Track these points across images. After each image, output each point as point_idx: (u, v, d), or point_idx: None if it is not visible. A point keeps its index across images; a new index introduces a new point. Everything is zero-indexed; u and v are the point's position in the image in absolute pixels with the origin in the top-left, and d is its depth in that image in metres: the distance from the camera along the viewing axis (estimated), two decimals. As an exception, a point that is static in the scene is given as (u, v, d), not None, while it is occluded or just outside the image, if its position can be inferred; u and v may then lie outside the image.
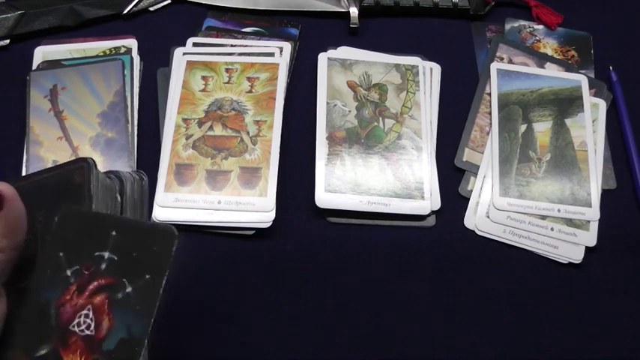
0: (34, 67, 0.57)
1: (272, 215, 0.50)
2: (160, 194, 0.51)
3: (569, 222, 0.52)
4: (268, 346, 0.48)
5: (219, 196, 0.51)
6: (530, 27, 0.64)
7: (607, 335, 0.49)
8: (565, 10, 0.64)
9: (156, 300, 0.32)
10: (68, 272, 0.33)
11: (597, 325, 0.50)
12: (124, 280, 0.32)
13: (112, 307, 0.32)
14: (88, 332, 0.32)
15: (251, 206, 0.50)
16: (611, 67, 0.61)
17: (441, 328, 0.49)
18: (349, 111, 0.55)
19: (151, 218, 0.49)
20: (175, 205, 0.51)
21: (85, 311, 0.32)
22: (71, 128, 0.54)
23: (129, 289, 0.32)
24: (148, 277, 0.32)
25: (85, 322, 0.32)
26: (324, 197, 0.52)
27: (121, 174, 0.36)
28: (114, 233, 0.33)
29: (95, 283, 0.32)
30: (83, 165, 0.34)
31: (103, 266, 0.32)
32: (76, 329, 0.32)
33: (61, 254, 0.33)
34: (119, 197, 0.36)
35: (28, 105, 0.54)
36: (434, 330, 0.49)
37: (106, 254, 0.32)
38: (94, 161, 0.34)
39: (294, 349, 0.48)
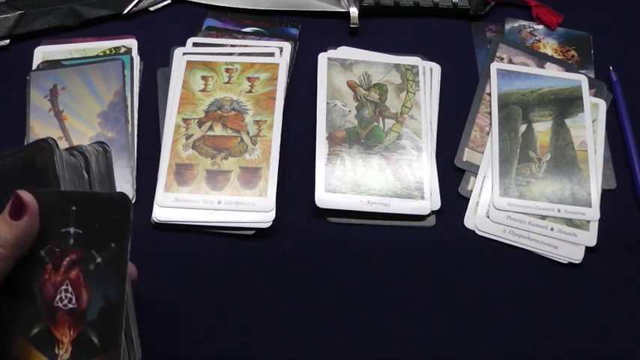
0: (34, 67, 0.57)
1: (272, 215, 0.50)
2: (160, 194, 0.51)
3: (569, 222, 0.52)
4: (268, 346, 0.48)
5: (219, 196, 0.51)
6: (530, 27, 0.64)
7: (607, 335, 0.49)
8: (565, 10, 0.64)
9: (124, 266, 0.34)
10: (42, 252, 0.34)
11: (597, 325, 0.50)
12: (93, 251, 0.34)
13: (87, 279, 0.34)
14: (70, 306, 0.34)
15: (251, 206, 0.50)
16: (611, 67, 0.61)
17: (441, 328, 0.49)
18: (349, 111, 0.55)
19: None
20: (175, 205, 0.51)
21: (64, 286, 0.34)
22: (71, 128, 0.54)
23: (98, 260, 0.34)
24: (113, 245, 0.34)
25: (66, 296, 0.34)
26: (324, 197, 0.52)
27: (83, 149, 0.36)
28: (74, 208, 0.34)
29: (68, 259, 0.34)
30: (44, 146, 0.34)
31: (71, 241, 0.34)
32: (60, 304, 0.34)
33: None
34: (86, 174, 0.36)
35: (28, 105, 0.54)
36: (434, 330, 0.49)
37: (72, 229, 0.34)
38: (54, 141, 0.34)
39: (294, 349, 0.48)
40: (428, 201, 0.52)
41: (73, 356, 0.34)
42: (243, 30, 0.61)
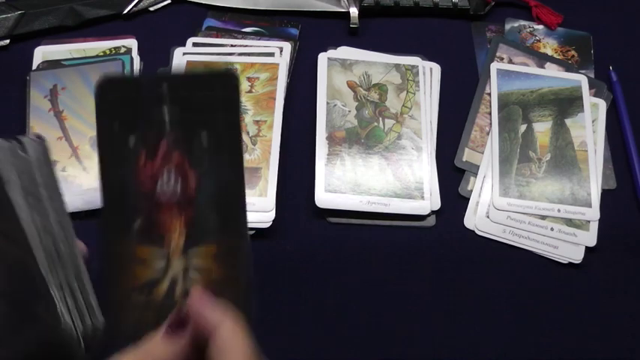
0: (34, 67, 0.57)
1: (272, 215, 0.50)
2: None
3: (569, 222, 0.52)
4: (268, 346, 0.48)
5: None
6: (530, 27, 0.64)
7: (607, 335, 0.49)
8: (565, 10, 0.64)
9: (238, 138, 0.31)
10: (131, 141, 0.31)
11: (597, 325, 0.50)
12: (195, 130, 0.31)
13: (192, 160, 0.31)
14: (175, 191, 0.31)
15: (251, 206, 0.50)
16: (611, 67, 0.61)
17: (441, 328, 0.49)
18: (349, 111, 0.55)
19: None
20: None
21: (164, 174, 0.31)
22: (71, 128, 0.54)
23: (204, 138, 0.31)
24: (221, 122, 0.31)
25: (168, 183, 0.31)
26: (324, 197, 0.52)
27: (18, 137, 0.34)
28: (166, 87, 0.31)
29: (164, 142, 0.31)
30: None
31: (167, 125, 0.31)
32: (162, 192, 0.31)
33: (115, 126, 0.32)
34: (23, 154, 0.33)
35: (28, 105, 0.54)
36: (434, 330, 0.49)
37: (165, 111, 0.31)
38: None
39: (294, 349, 0.48)
40: (428, 201, 0.52)
41: (187, 243, 0.31)
42: (243, 30, 0.61)
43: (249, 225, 0.50)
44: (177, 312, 0.30)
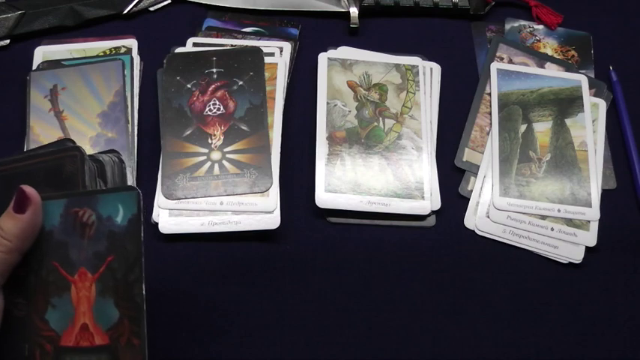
0: (34, 67, 0.57)
1: (278, 220, 0.50)
2: (162, 196, 0.51)
3: (569, 222, 0.52)
4: (268, 346, 0.48)
5: (222, 197, 0.51)
6: (530, 27, 0.64)
7: (607, 335, 0.50)
8: (565, 10, 0.64)
9: (263, 83, 0.51)
10: (188, 85, 0.51)
11: (597, 325, 0.50)
12: (234, 79, 0.51)
13: (232, 94, 0.51)
14: (219, 112, 0.50)
15: (253, 206, 0.50)
16: (611, 67, 0.61)
17: (441, 327, 0.49)
18: (349, 111, 0.55)
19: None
20: (177, 206, 0.51)
21: (211, 102, 0.50)
22: (71, 128, 0.54)
23: (240, 83, 0.51)
24: (251, 74, 0.52)
25: (214, 107, 0.50)
26: (324, 197, 0.52)
27: (100, 157, 0.37)
28: (214, 58, 0.52)
29: (213, 85, 0.51)
30: (76, 154, 0.35)
31: (215, 76, 0.51)
32: (209, 113, 0.50)
33: (178, 78, 0.52)
34: (101, 182, 0.36)
35: (28, 105, 0.54)
36: (434, 330, 0.49)
37: (214, 69, 0.51)
38: (83, 150, 0.35)
39: (294, 349, 0.48)
40: (428, 201, 0.52)
41: (226, 141, 0.49)
42: (243, 30, 0.61)
43: (257, 229, 0.50)
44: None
